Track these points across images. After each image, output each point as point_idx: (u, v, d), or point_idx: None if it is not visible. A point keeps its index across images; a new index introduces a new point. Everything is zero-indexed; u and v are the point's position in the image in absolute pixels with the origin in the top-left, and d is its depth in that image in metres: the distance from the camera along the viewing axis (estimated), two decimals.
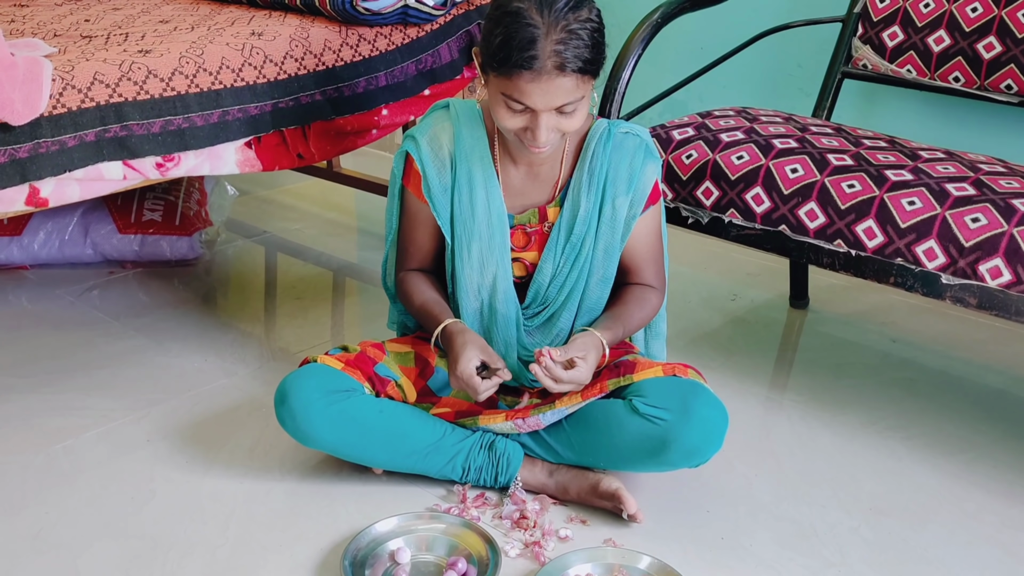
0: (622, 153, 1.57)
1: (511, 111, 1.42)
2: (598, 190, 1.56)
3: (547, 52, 1.36)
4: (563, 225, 1.58)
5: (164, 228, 2.48)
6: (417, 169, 1.59)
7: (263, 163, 1.84)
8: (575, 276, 1.59)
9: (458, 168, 1.57)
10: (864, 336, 2.23)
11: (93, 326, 2.17)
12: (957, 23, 1.99)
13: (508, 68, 1.37)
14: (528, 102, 1.39)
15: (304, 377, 1.52)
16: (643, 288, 1.65)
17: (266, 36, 1.86)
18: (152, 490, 1.60)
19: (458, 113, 1.59)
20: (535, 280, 1.61)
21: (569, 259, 1.59)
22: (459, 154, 1.57)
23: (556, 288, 1.61)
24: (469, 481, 1.58)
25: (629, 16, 2.75)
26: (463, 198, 1.57)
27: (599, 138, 1.57)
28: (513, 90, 1.39)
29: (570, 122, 1.43)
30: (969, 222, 1.51)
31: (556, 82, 1.37)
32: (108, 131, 1.61)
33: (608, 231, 1.58)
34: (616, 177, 1.56)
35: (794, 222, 1.67)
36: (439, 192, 1.58)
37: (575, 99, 1.40)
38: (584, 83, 1.40)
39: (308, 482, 1.62)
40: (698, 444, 1.47)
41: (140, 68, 1.66)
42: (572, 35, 1.37)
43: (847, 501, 1.62)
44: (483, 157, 1.57)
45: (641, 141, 1.59)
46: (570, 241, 1.58)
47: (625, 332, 1.60)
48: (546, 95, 1.38)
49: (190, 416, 1.81)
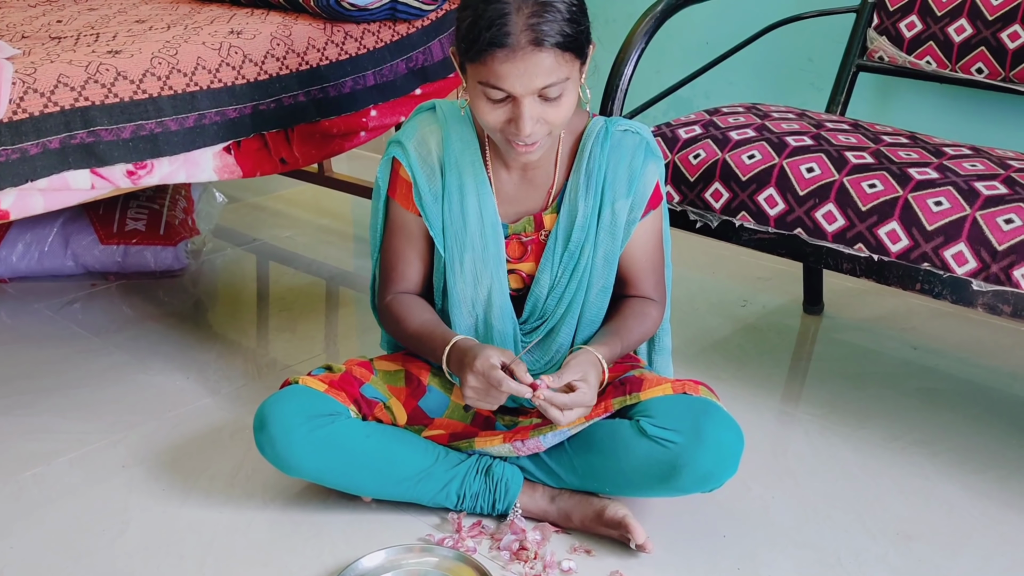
0: (621, 153, 1.46)
1: (491, 103, 1.31)
2: (596, 194, 1.45)
3: (520, 26, 1.24)
4: (560, 232, 1.47)
5: (148, 238, 2.38)
6: (404, 177, 1.48)
7: (243, 169, 1.73)
8: (574, 287, 1.48)
9: (447, 175, 1.46)
10: (883, 343, 2.12)
11: (72, 342, 2.07)
12: (979, 11, 1.88)
13: (479, 50, 1.26)
14: (505, 86, 1.27)
15: (284, 401, 1.42)
16: (642, 301, 1.54)
17: (245, 34, 1.75)
18: (126, 521, 1.50)
19: (445, 115, 1.48)
20: (532, 292, 1.50)
21: (568, 269, 1.48)
22: (448, 159, 1.46)
23: (555, 300, 1.50)
24: (465, 509, 1.47)
25: (630, 9, 2.65)
26: (454, 207, 1.46)
27: (596, 137, 1.46)
28: (488, 75, 1.27)
29: (556, 111, 1.31)
30: (1002, 223, 1.40)
31: (533, 59, 1.25)
32: (74, 137, 1.51)
33: (608, 237, 1.47)
34: (615, 179, 1.45)
35: (811, 225, 1.56)
36: (430, 200, 1.47)
37: (557, 80, 1.28)
38: (566, 62, 1.28)
39: (292, 511, 1.51)
40: (711, 469, 1.36)
41: (108, 70, 1.55)
42: (547, 7, 1.25)
43: (872, 525, 1.51)
44: (474, 162, 1.46)
45: (641, 139, 1.48)
46: (568, 249, 1.47)
47: (624, 348, 1.49)
48: (524, 76, 1.26)
49: (169, 439, 1.71)
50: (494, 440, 1.45)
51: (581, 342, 1.51)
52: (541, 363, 1.54)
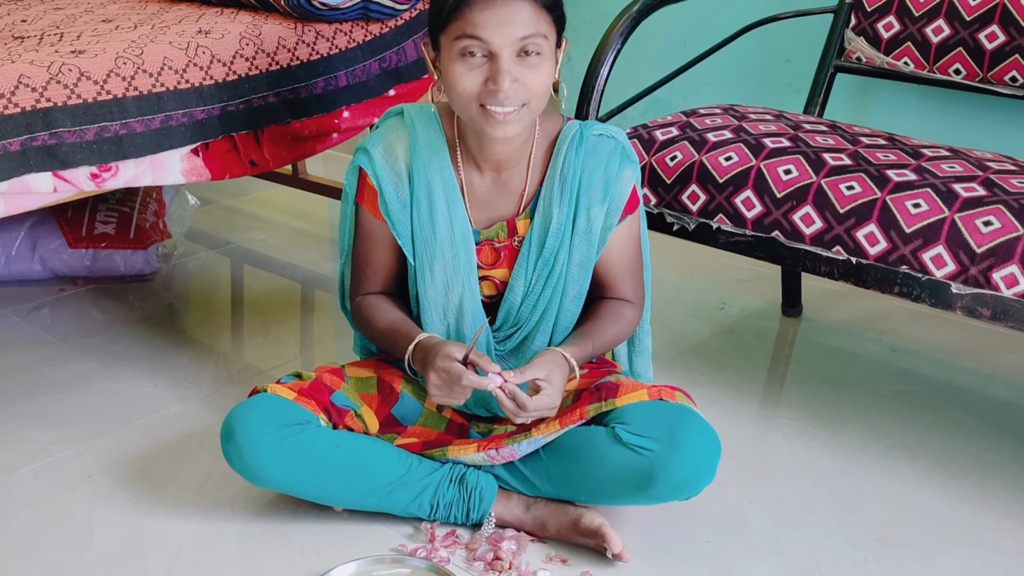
0: (596, 157, 1.44)
1: (467, 65, 1.29)
2: (571, 199, 1.43)
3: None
4: (534, 239, 1.44)
5: (118, 242, 2.33)
6: (371, 184, 1.45)
7: (212, 171, 1.69)
8: (549, 294, 1.45)
9: (416, 180, 1.43)
10: (862, 346, 2.10)
11: (39, 348, 2.03)
12: (957, 12, 1.87)
13: (456, 3, 1.26)
14: (484, 34, 1.26)
15: (252, 409, 1.38)
16: (617, 303, 1.52)
17: (214, 34, 1.71)
18: (90, 533, 1.46)
19: (413, 120, 1.45)
20: (506, 300, 1.47)
21: (542, 275, 1.45)
22: (416, 165, 1.43)
23: (529, 307, 1.47)
24: (438, 518, 1.44)
25: (607, 9, 2.63)
26: (422, 214, 1.43)
27: (571, 141, 1.44)
28: (466, 26, 1.27)
29: (534, 75, 1.30)
30: (981, 226, 1.38)
31: (512, 6, 1.26)
32: (35, 139, 1.46)
33: (583, 244, 1.44)
34: (590, 184, 1.43)
35: (788, 228, 1.54)
36: (397, 208, 1.44)
37: (535, 32, 1.28)
38: (544, 21, 1.29)
39: (261, 521, 1.48)
40: (688, 476, 1.33)
41: (71, 70, 1.51)
42: None
43: (851, 531, 1.49)
44: (443, 167, 1.43)
45: (617, 143, 1.45)
46: (542, 256, 1.44)
47: (595, 350, 1.46)
48: (502, 24, 1.26)
49: (136, 448, 1.67)
50: (468, 448, 1.42)
51: None
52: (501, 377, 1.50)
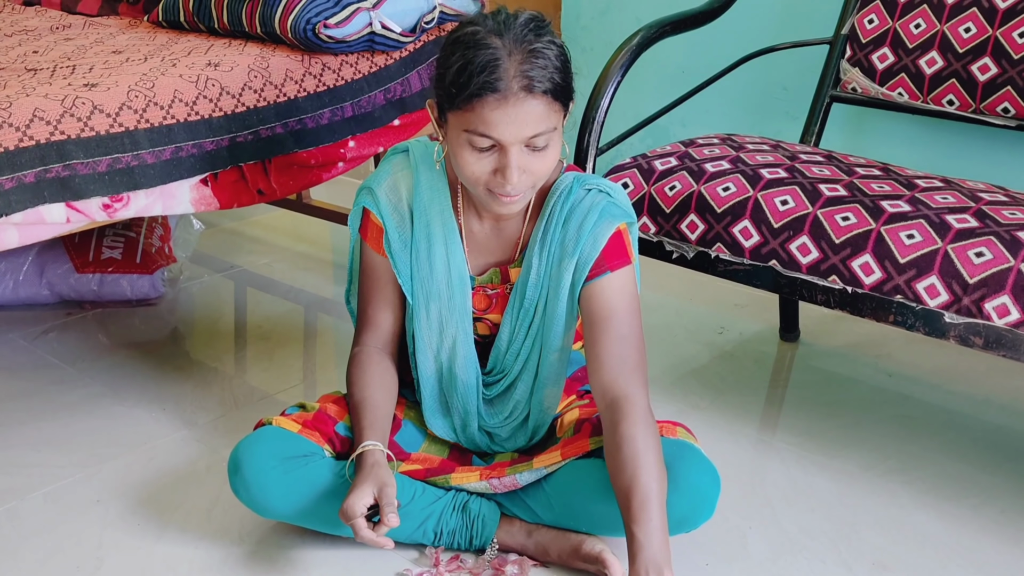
0: (577, 211, 1.40)
1: (476, 152, 1.28)
2: (549, 251, 1.41)
3: (512, 72, 1.23)
4: (519, 288, 1.44)
5: (124, 266, 2.37)
6: (375, 222, 1.47)
7: (220, 201, 1.72)
8: (530, 344, 1.46)
9: (416, 222, 1.44)
10: (858, 370, 2.13)
11: (47, 372, 2.05)
12: (950, 44, 1.91)
13: (470, 95, 1.23)
14: (495, 134, 1.25)
15: (258, 443, 1.40)
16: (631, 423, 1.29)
17: (223, 67, 1.75)
18: (100, 558, 1.48)
19: (417, 160, 1.46)
20: (495, 345, 1.48)
21: (523, 325, 1.45)
22: (417, 206, 1.44)
23: (512, 356, 1.47)
24: (442, 545, 1.47)
25: (608, 38, 2.67)
26: (421, 255, 1.44)
27: (560, 193, 1.41)
28: (477, 122, 1.25)
29: (542, 162, 1.30)
30: (973, 256, 1.42)
31: (525, 106, 1.24)
32: (49, 171, 1.50)
33: (555, 299, 1.42)
34: (565, 238, 1.40)
35: (785, 257, 1.57)
36: (399, 247, 1.45)
37: (546, 129, 1.27)
38: (554, 112, 1.28)
39: (268, 546, 1.50)
40: (686, 513, 1.36)
41: (85, 103, 1.55)
42: (537, 54, 1.24)
43: (848, 556, 1.51)
44: (443, 211, 1.44)
45: (604, 198, 1.40)
46: (523, 306, 1.44)
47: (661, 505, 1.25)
48: (515, 123, 1.24)
49: (144, 473, 1.69)
50: (471, 476, 1.45)
51: (538, 403, 1.48)
52: (499, 418, 1.52)
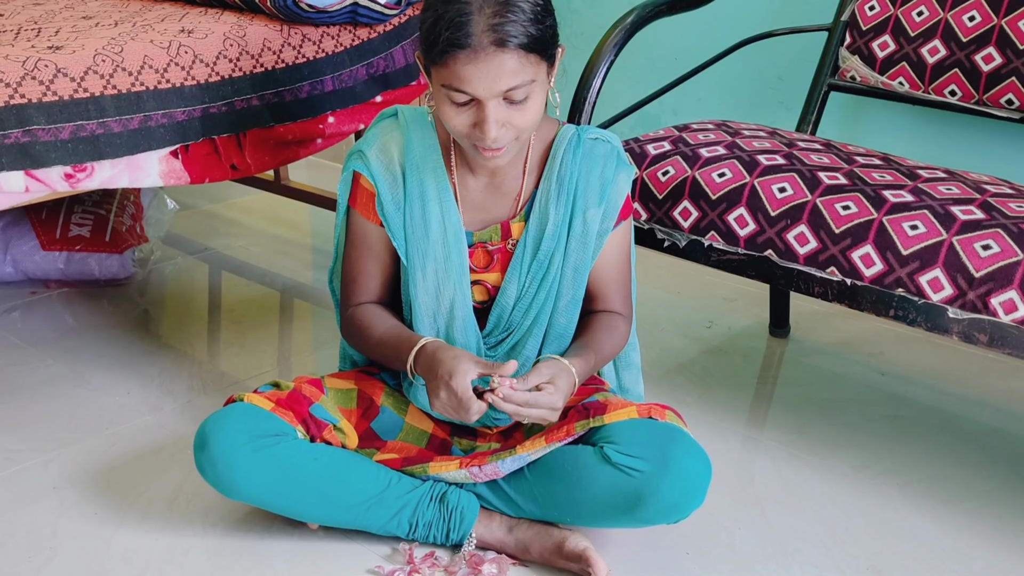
0: (593, 160, 1.42)
1: (455, 106, 1.26)
2: (568, 201, 1.41)
3: (482, 27, 1.20)
4: (529, 241, 1.42)
5: (93, 244, 2.28)
6: (365, 187, 1.42)
7: (191, 175, 1.64)
8: (542, 298, 1.42)
9: (408, 181, 1.40)
10: (851, 368, 2.07)
11: (8, 353, 1.97)
12: (953, 33, 1.85)
13: (441, 51, 1.22)
14: (468, 88, 1.23)
15: (227, 419, 1.33)
16: (610, 315, 1.49)
17: (197, 34, 1.67)
18: (53, 547, 1.40)
19: (408, 120, 1.42)
20: (497, 303, 1.44)
21: (536, 279, 1.42)
22: (409, 165, 1.41)
23: (521, 312, 1.44)
24: (417, 538, 1.39)
25: (600, 21, 2.60)
26: (415, 214, 1.40)
27: (568, 144, 1.42)
28: (451, 77, 1.23)
29: (523, 115, 1.26)
30: (979, 249, 1.36)
31: (496, 60, 1.21)
32: (8, 136, 1.41)
33: (579, 247, 1.42)
34: (587, 187, 1.41)
35: (782, 247, 1.51)
36: (392, 209, 1.41)
37: (522, 82, 1.23)
38: (531, 64, 1.24)
39: (233, 538, 1.43)
40: (678, 499, 1.30)
41: (48, 66, 1.46)
42: (509, 6, 1.21)
43: (842, 559, 1.45)
44: (436, 168, 1.40)
45: (612, 148, 1.44)
46: (537, 258, 1.41)
47: (596, 363, 1.43)
48: (487, 78, 1.21)
49: (105, 459, 1.61)
50: (450, 465, 1.38)
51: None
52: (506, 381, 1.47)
